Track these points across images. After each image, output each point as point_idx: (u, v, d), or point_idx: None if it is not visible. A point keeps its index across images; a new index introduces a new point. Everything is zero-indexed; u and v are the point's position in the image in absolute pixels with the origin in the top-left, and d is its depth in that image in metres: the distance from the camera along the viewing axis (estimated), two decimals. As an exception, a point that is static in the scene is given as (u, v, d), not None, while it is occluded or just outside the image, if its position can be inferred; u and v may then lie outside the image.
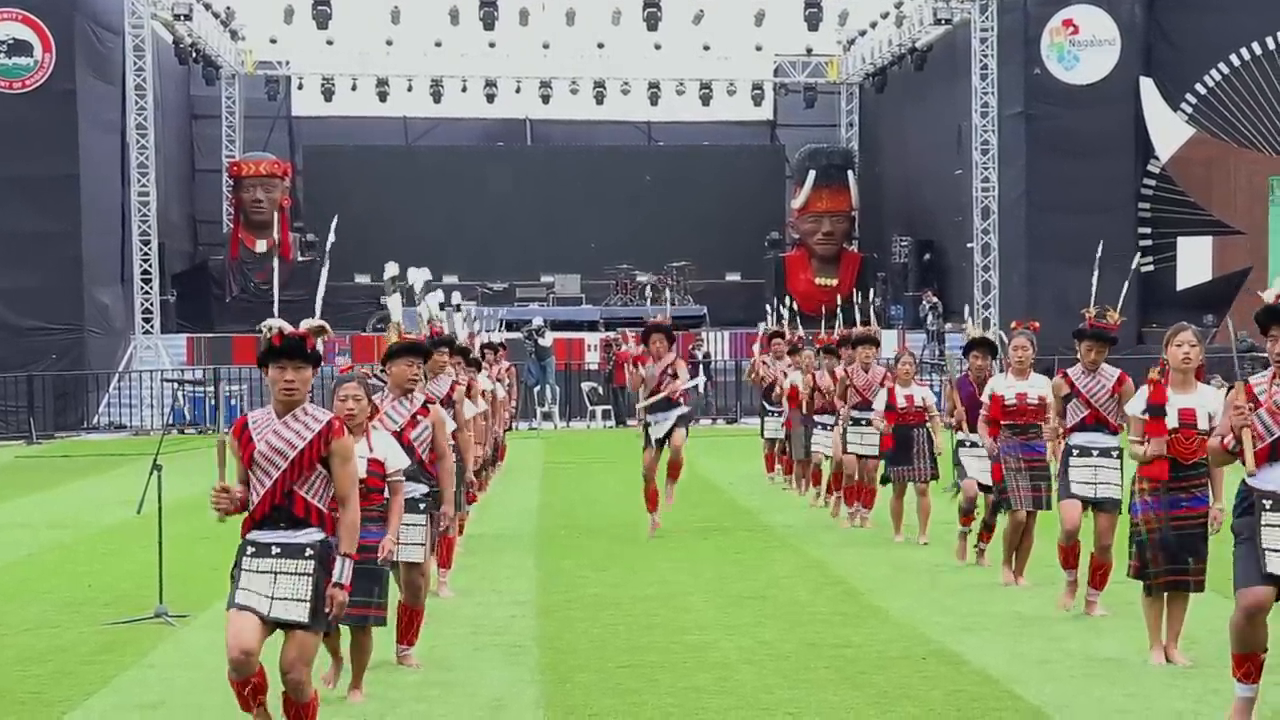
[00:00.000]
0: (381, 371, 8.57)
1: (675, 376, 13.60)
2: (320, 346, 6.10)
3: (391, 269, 8.56)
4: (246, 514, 6.07)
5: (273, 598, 5.96)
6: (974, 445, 11.54)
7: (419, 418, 8.34)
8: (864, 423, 14.11)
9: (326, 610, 6.02)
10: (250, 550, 6.03)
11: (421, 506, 8.39)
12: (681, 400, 13.78)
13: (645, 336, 13.77)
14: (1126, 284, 9.73)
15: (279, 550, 5.99)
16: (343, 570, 6.03)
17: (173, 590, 10.08)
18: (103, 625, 9.71)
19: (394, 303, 8.52)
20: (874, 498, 14.19)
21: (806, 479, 16.92)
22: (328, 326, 6.16)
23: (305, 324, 6.09)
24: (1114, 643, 8.62)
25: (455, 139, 41.33)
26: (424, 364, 8.56)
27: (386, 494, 7.65)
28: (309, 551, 6.01)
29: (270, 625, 6.00)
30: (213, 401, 30.42)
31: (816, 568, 11.87)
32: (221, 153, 38.89)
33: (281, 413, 6.06)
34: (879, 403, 13.20)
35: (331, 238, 7.85)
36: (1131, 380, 9.29)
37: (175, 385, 30.79)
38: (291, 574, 5.97)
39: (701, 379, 15.83)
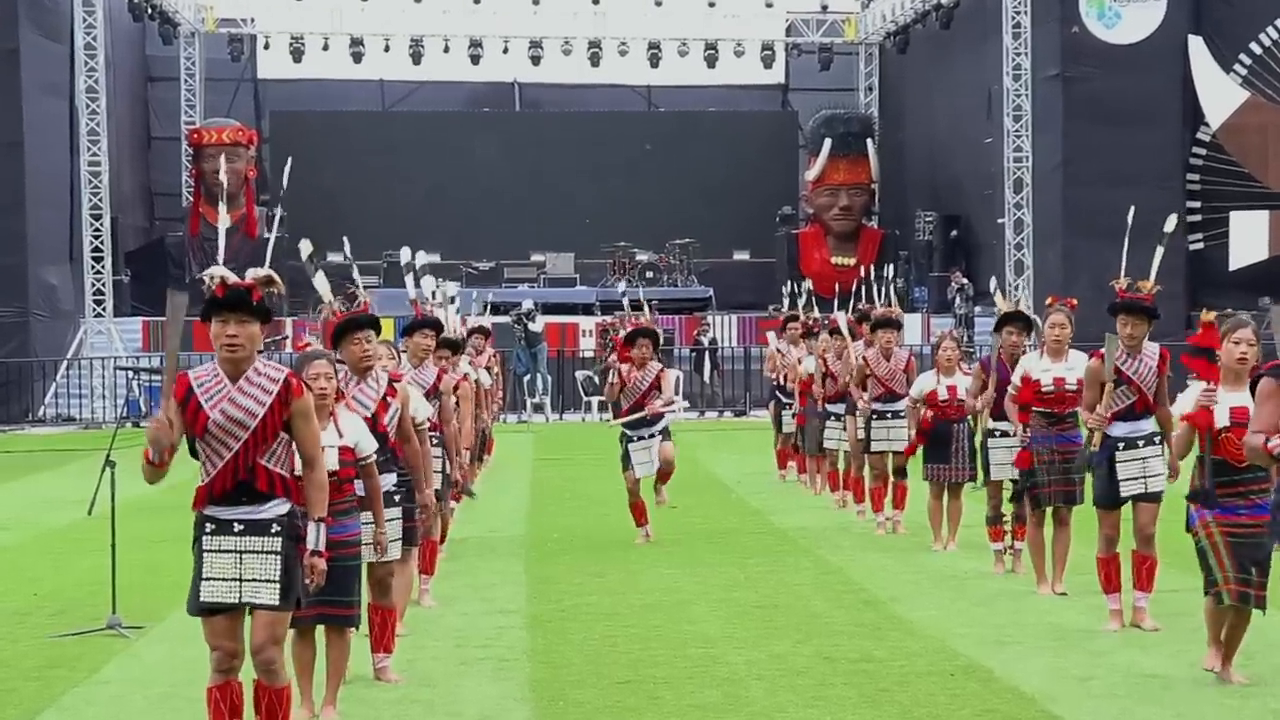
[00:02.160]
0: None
1: (659, 389, 13.44)
2: (276, 302, 6.11)
3: (306, 247, 8.46)
4: (201, 485, 6.07)
5: (240, 580, 6.00)
6: (1004, 435, 11.49)
7: (389, 399, 8.28)
8: (889, 415, 14.03)
9: (306, 580, 6.07)
10: (209, 527, 6.05)
11: (396, 499, 8.37)
12: (666, 412, 13.64)
13: (630, 340, 13.62)
14: (1159, 250, 9.47)
15: (242, 527, 6.01)
16: (317, 536, 6.08)
17: (127, 599, 10.07)
18: (50, 638, 9.69)
19: (320, 282, 8.43)
20: (906, 495, 14.09)
21: (821, 476, 16.91)
22: (276, 277, 6.12)
23: (251, 274, 6.07)
24: (1161, 658, 8.61)
25: (437, 104, 41.29)
26: (376, 335, 8.44)
27: (359, 486, 7.63)
28: (275, 528, 6.03)
29: (240, 611, 6.06)
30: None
31: (833, 574, 11.86)
32: (180, 119, 38.84)
33: (231, 374, 6.03)
34: (916, 390, 13.08)
35: (285, 177, 7.82)
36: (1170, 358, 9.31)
37: (130, 374, 30.76)
38: (258, 553, 6.01)
39: (682, 402, 15.69)
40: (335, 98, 40.83)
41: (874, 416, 14.11)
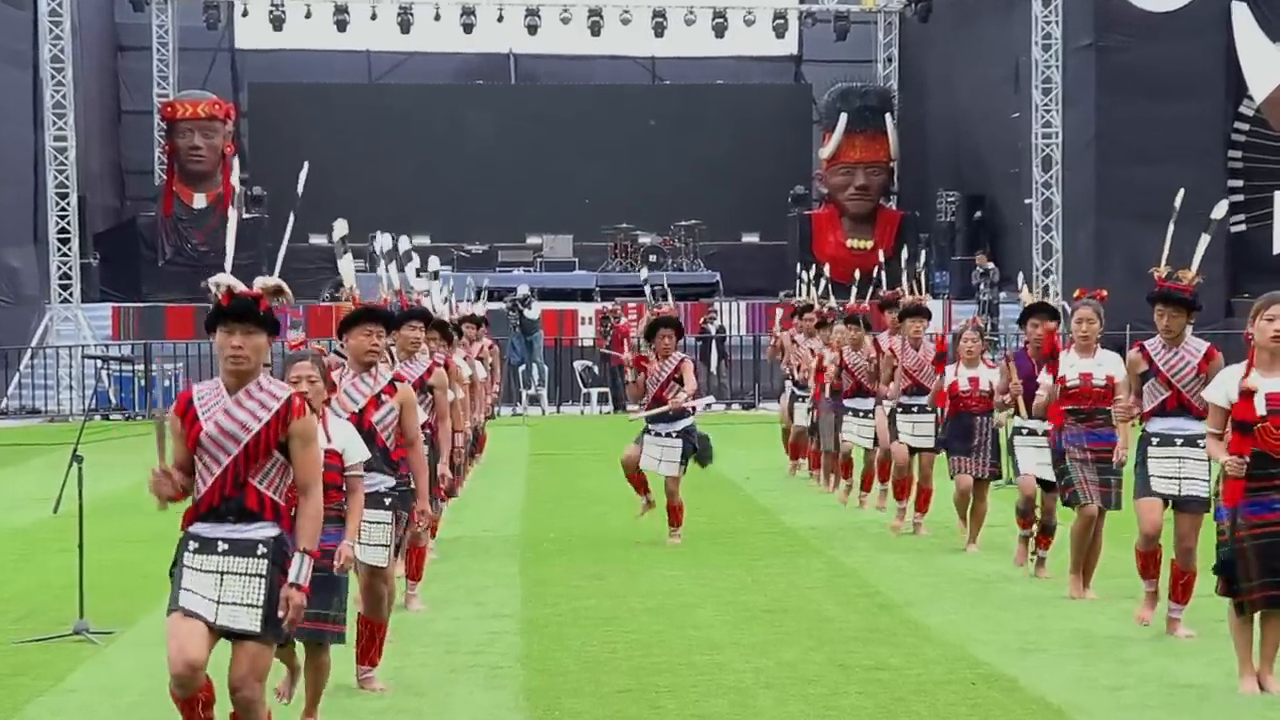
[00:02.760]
0: (340, 347, 8.58)
1: (682, 383, 13.48)
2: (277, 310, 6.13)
3: (341, 227, 8.59)
4: (190, 504, 6.11)
5: (219, 602, 6.01)
6: (1032, 433, 11.51)
7: (384, 397, 8.32)
8: (915, 409, 14.04)
9: (280, 615, 6.04)
10: (193, 546, 6.08)
11: (386, 502, 8.39)
12: (691, 410, 13.67)
13: (650, 332, 13.63)
14: (1205, 237, 9.41)
15: (226, 547, 6.04)
16: (301, 569, 6.07)
17: (96, 603, 10.09)
18: (13, 643, 9.71)
19: (346, 265, 8.54)
20: (930, 499, 14.12)
21: (836, 474, 16.94)
22: (285, 287, 6.17)
23: (259, 283, 6.13)
24: (1197, 666, 8.63)
25: (427, 76, 41.28)
26: (387, 332, 8.58)
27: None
28: (261, 549, 6.05)
29: (217, 634, 6.04)
30: (142, 382, 30.44)
31: (847, 577, 11.89)
32: (152, 91, 38.81)
33: (232, 387, 6.10)
34: (937, 386, 13.12)
35: (301, 185, 7.89)
36: (1221, 356, 9.21)
37: (99, 363, 30.80)
38: (241, 574, 6.02)
39: (710, 399, 15.88)
40: (318, 69, 40.81)
41: (899, 410, 14.16)
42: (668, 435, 13.58)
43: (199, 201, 36.43)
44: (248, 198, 36.38)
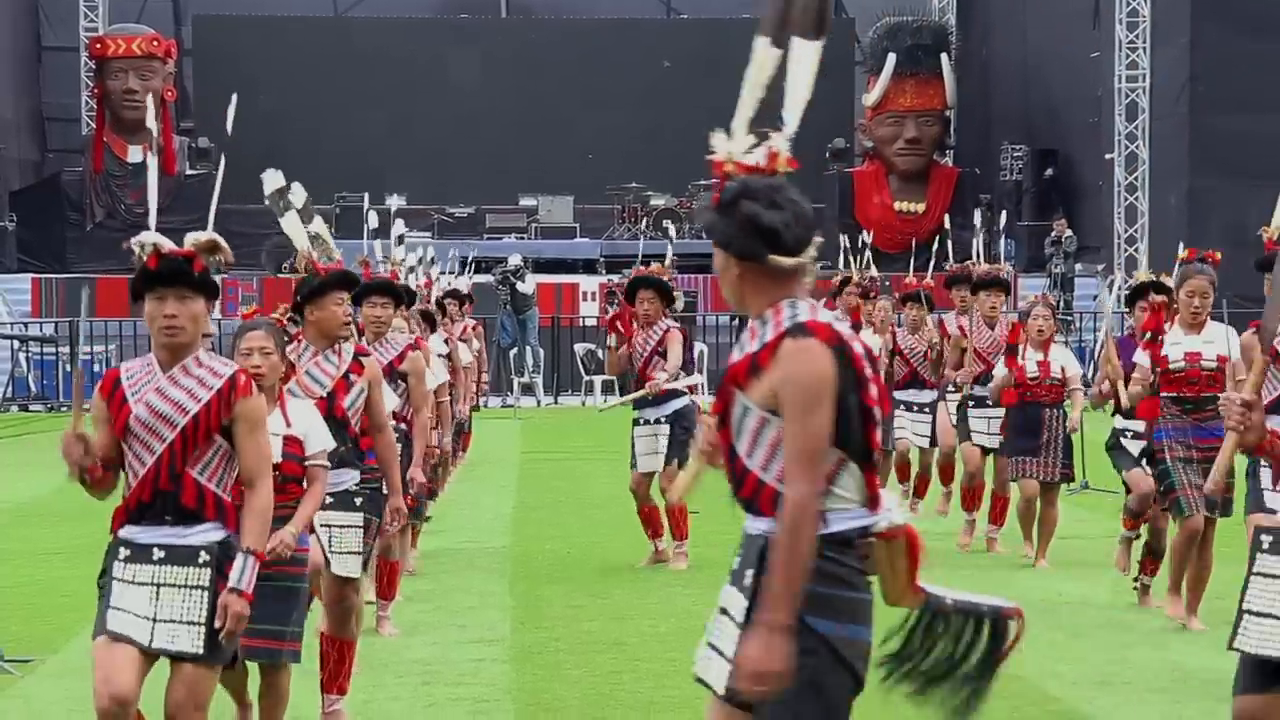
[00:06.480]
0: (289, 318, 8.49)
1: (665, 356, 13.01)
2: (217, 273, 6.14)
3: (273, 179, 8.56)
4: (120, 502, 6.11)
5: (155, 619, 6.01)
6: (1138, 436, 11.31)
7: (352, 377, 8.28)
8: (990, 401, 13.99)
9: (218, 624, 6.03)
10: (124, 553, 6.08)
11: (357, 501, 8.38)
12: (686, 390, 13.29)
13: (630, 293, 13.25)
14: None
15: (163, 554, 6.04)
16: (244, 572, 6.05)
17: (13, 626, 10.12)
18: (-84, 672, 9.72)
19: (291, 224, 8.50)
20: (1007, 509, 14.03)
21: (884, 475, 16.94)
22: (222, 242, 6.18)
23: (191, 240, 6.14)
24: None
25: (402, 8, 41.31)
26: (354, 304, 8.57)
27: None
28: (204, 556, 6.05)
29: (153, 658, 6.03)
30: (67, 366, 30.47)
31: (897, 598, 11.87)
32: (79, 25, 38.78)
33: (166, 363, 6.11)
34: (1000, 368, 13.08)
35: (230, 120, 7.87)
36: None
37: (15, 344, 30.84)
38: (180, 587, 6.02)
39: (697, 378, 15.38)
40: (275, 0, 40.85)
41: (969, 403, 14.09)
42: (655, 422, 13.05)
43: (134, 155, 36.41)
44: (192, 151, 36.38)
